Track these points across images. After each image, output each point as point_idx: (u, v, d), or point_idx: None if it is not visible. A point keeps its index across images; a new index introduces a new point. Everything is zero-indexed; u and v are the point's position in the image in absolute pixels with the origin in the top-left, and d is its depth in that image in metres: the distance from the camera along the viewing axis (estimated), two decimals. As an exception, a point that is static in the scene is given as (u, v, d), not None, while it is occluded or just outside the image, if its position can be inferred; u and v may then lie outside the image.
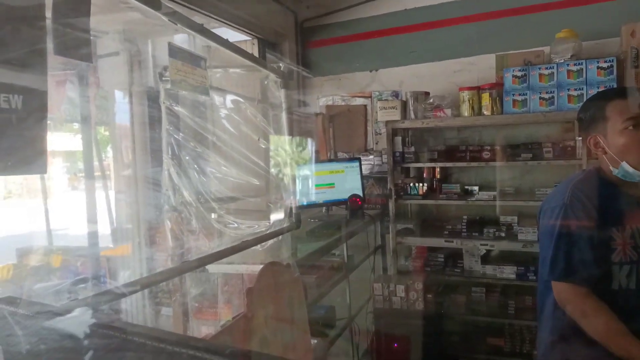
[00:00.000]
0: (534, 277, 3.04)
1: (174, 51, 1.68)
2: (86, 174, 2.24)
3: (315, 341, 2.11)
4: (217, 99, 2.19)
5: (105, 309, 1.52)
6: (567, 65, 2.93)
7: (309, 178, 3.28)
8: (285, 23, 3.92)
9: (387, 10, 3.76)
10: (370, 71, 3.90)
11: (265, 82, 2.32)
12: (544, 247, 1.60)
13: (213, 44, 1.83)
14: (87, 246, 2.19)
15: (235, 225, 2.26)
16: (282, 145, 2.72)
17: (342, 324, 2.98)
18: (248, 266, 2.12)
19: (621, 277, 1.52)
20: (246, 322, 1.51)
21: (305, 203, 3.19)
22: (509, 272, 3.17)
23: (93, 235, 2.13)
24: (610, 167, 1.55)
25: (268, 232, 2.02)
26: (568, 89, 2.93)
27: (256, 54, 3.74)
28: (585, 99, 2.84)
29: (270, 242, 2.11)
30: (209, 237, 2.24)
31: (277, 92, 2.38)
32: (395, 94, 3.77)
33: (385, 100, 3.68)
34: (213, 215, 2.26)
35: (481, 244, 3.22)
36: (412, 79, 3.69)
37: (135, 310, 2.28)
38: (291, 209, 2.33)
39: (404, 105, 3.43)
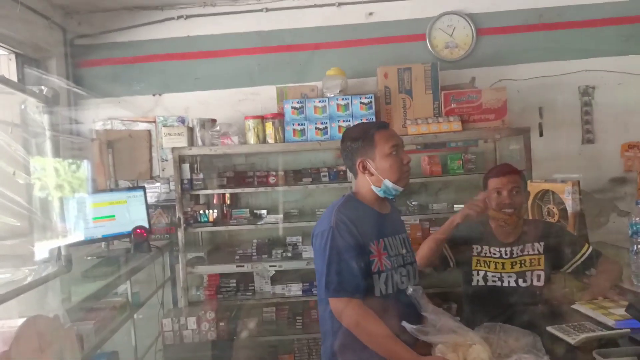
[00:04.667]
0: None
1: None
2: None
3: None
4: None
5: None
6: (337, 99, 3.29)
7: (85, 211, 2.95)
8: (51, 38, 3.49)
9: (169, 35, 3.68)
10: (154, 95, 3.75)
11: (23, 107, 2.00)
12: (318, 268, 1.76)
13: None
14: None
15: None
16: (47, 177, 2.37)
17: (129, 369, 2.74)
18: (2, 323, 1.77)
19: (380, 285, 1.73)
20: (-2, 396, 1.26)
21: (80, 240, 2.85)
22: (296, 289, 3.36)
23: None
24: (372, 187, 1.80)
25: (28, 281, 1.73)
26: (338, 120, 3.29)
27: (14, 70, 3.25)
28: (351, 130, 3.24)
29: (33, 290, 1.81)
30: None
31: (39, 117, 2.08)
32: (182, 120, 3.69)
33: (171, 126, 3.58)
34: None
35: (270, 265, 3.35)
36: (197, 105, 3.68)
37: None
38: (59, 249, 2.04)
39: (191, 131, 3.38)
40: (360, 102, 3.28)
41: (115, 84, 3.70)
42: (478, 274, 2.30)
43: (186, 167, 3.34)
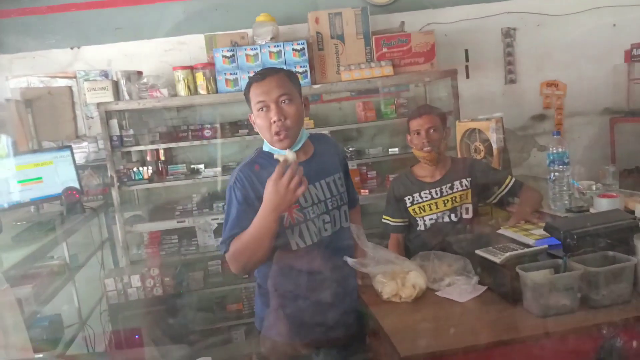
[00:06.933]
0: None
1: None
2: None
3: (41, 355, 1.86)
4: None
5: None
6: (269, 47, 3.23)
7: (8, 174, 2.77)
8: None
9: (84, -20, 3.42)
10: (72, 48, 3.50)
11: None
12: None
13: None
14: None
15: None
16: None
17: (74, 331, 2.70)
18: None
19: (295, 238, 1.67)
20: None
21: (6, 204, 2.70)
22: (240, 240, 3.38)
23: None
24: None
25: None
26: (271, 69, 3.24)
27: None
28: (285, 78, 3.21)
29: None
30: None
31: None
32: (105, 74, 3.49)
33: (94, 80, 3.38)
34: None
35: (212, 219, 3.34)
36: (121, 58, 3.48)
37: None
38: (-15, 213, 1.94)
39: (116, 85, 3.21)
40: (293, 49, 3.24)
41: (27, 38, 3.42)
42: (417, 222, 2.44)
43: (114, 123, 3.20)
